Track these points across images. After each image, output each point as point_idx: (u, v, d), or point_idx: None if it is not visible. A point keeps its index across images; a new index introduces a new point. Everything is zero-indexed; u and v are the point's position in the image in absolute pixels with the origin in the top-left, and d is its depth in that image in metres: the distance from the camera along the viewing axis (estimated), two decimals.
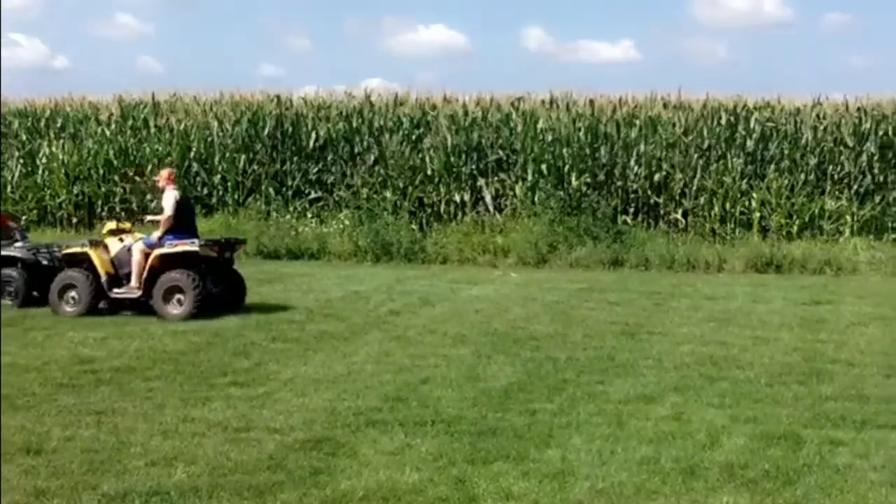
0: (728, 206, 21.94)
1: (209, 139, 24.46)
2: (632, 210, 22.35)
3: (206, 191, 24.21)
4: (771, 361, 10.39)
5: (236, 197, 23.85)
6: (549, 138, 22.84)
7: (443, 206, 23.05)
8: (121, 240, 13.66)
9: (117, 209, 23.81)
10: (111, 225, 14.27)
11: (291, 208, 22.93)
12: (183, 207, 13.67)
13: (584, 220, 21.18)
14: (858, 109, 22.95)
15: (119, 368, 9.73)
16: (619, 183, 22.48)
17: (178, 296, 12.96)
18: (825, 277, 18.57)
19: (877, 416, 8.12)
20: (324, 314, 13.36)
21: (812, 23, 46.67)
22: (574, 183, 22.29)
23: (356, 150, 23.92)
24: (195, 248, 13.19)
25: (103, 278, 13.33)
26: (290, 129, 24.27)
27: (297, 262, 20.19)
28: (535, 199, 22.01)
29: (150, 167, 23.04)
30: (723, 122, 22.92)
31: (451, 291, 15.81)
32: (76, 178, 24.77)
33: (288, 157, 24.07)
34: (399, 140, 23.58)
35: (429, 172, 23.09)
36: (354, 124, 24.25)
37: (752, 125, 22.74)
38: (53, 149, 24.98)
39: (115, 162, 24.61)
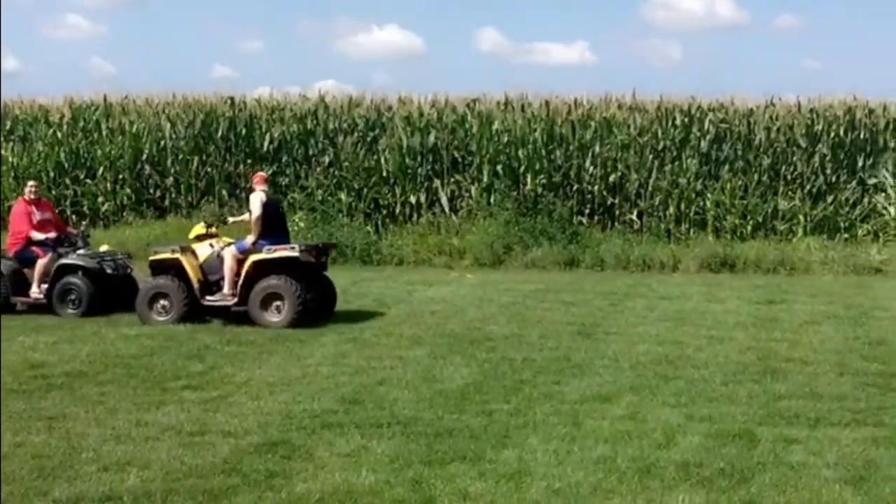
0: (683, 206, 22.08)
1: (161, 141, 24.23)
2: (587, 211, 22.43)
3: (158, 193, 23.99)
4: (726, 360, 10.45)
5: (189, 199, 23.66)
6: (505, 139, 22.87)
7: (398, 208, 23.00)
8: (210, 245, 13.18)
9: (68, 212, 23.53)
10: (199, 229, 13.65)
11: (246, 210, 22.74)
12: (270, 209, 13.12)
13: (540, 221, 21.22)
14: (811, 111, 23.21)
15: (70, 373, 9.61)
16: (575, 184, 22.56)
17: (276, 303, 12.53)
18: (779, 277, 18.73)
19: (830, 413, 8.18)
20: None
21: (765, 25, 47.24)
22: (530, 184, 22.33)
23: (311, 152, 23.81)
24: (295, 253, 12.64)
25: (196, 286, 12.84)
26: (244, 131, 24.10)
27: None
28: (491, 200, 22.02)
29: None
30: (677, 123, 23.07)
31: (406, 293, 15.77)
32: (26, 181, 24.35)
33: (242, 158, 23.91)
34: (354, 142, 23.51)
35: (384, 174, 23.03)
36: (309, 126, 24.13)
37: (706, 126, 22.91)
38: (3, 151, 24.62)
39: (66, 164, 24.30)
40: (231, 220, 14.45)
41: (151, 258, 13.33)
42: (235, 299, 12.72)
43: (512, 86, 24.94)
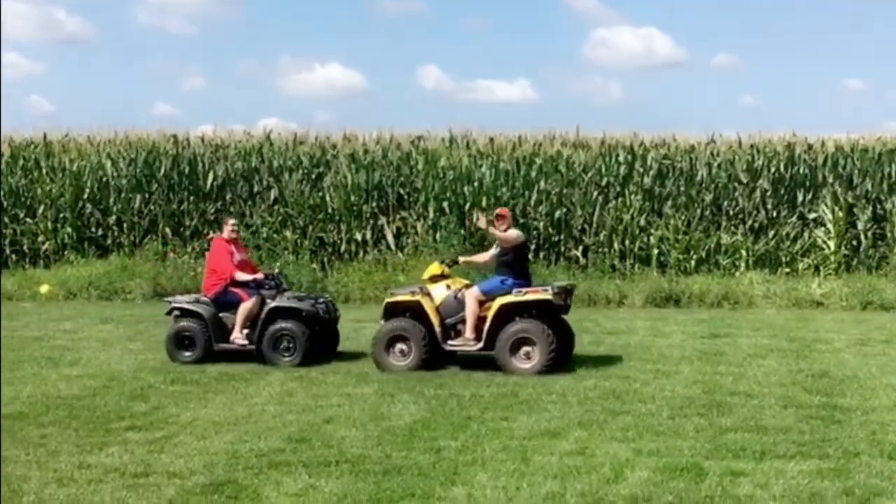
0: (627, 242, 22.25)
1: (103, 179, 23.95)
2: (533, 247, 22.50)
3: (100, 232, 23.69)
4: (672, 394, 10.51)
5: (132, 238, 23.41)
6: (451, 176, 22.93)
7: (344, 245, 22.93)
8: (447, 286, 12.38)
9: (7, 251, 23.19)
10: (435, 269, 12.69)
11: (189, 248, 22.58)
12: (519, 249, 12.51)
13: None
14: (751, 147, 23.56)
15: (10, 415, 9.43)
16: (521, 220, 22.64)
17: (526, 348, 11.83)
18: (723, 311, 18.90)
19: (775, 446, 8.25)
20: (223, 355, 13.12)
21: (703, 63, 47.96)
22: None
23: (255, 190, 23.70)
24: (549, 296, 11.91)
25: (437, 329, 12.11)
26: (187, 169, 23.91)
27: None
28: (437, 236, 22.04)
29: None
30: (620, 159, 23.29)
31: (353, 330, 15.68)
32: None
33: (185, 196, 23.72)
34: (299, 179, 23.44)
35: (329, 211, 22.98)
36: (253, 163, 24.01)
37: (649, 162, 23.16)
38: None
39: (6, 203, 23.95)
40: (462, 259, 13.50)
41: (388, 300, 12.55)
42: (480, 344, 12.02)
43: (456, 123, 25.10)
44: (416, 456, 7.92)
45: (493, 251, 12.71)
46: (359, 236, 22.82)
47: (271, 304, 12.76)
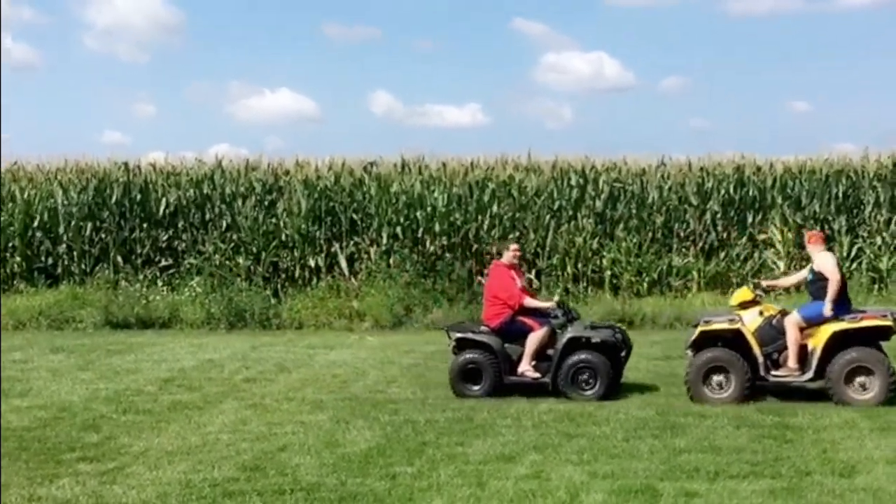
0: (580, 265, 22.37)
1: (54, 207, 23.72)
2: (486, 272, 22.52)
3: (50, 261, 23.41)
4: (626, 416, 10.56)
5: (83, 266, 23.15)
6: (403, 201, 22.96)
7: (297, 271, 22.85)
8: (760, 313, 11.67)
9: None
10: (744, 295, 11.96)
11: (141, 276, 22.38)
12: (841, 271, 11.64)
13: (440, 282, 21.31)
14: (701, 169, 23.82)
15: None
16: (474, 245, 22.71)
17: (860, 378, 11.07)
18: (675, 332, 18.97)
19: (729, 466, 8.32)
20: (176, 384, 13.02)
21: (651, 86, 48.46)
22: (429, 245, 22.42)
23: (207, 217, 23.57)
24: (888, 321, 11.15)
25: (760, 359, 11.39)
26: (139, 197, 23.73)
27: (148, 331, 19.65)
28: (391, 262, 22.04)
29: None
30: (572, 183, 23.44)
31: (307, 357, 15.63)
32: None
33: (137, 224, 23.52)
34: (252, 205, 23.37)
35: (283, 237, 22.91)
36: (206, 190, 23.90)
37: (600, 186, 23.34)
38: None
39: None
40: (766, 283, 12.63)
41: (703, 328, 11.72)
42: (808, 374, 11.34)
43: (408, 148, 25.12)
44: (372, 483, 7.90)
45: (802, 274, 12.23)
46: (312, 262, 22.75)
47: (569, 334, 11.93)
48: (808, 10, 46.84)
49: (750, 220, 23.07)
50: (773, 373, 11.46)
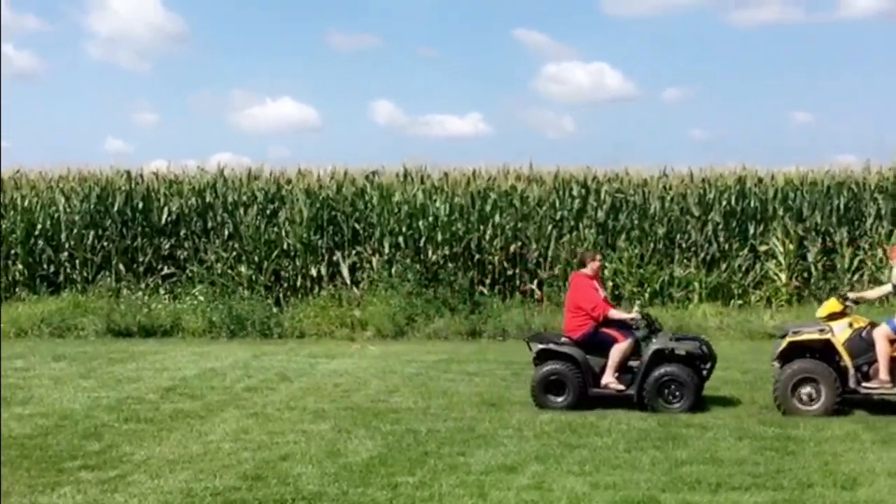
0: None
1: (56, 215, 23.76)
2: (488, 281, 22.58)
3: (52, 268, 23.45)
4: (628, 427, 10.56)
5: (85, 274, 23.18)
6: (406, 211, 22.98)
7: (299, 280, 22.88)
8: (849, 325, 11.49)
9: None
10: (833, 306, 11.71)
11: (143, 285, 22.40)
12: None
13: (442, 291, 21.32)
14: (703, 180, 23.86)
15: None
16: (476, 254, 22.72)
17: None
18: None
19: (730, 478, 8.32)
20: (178, 393, 13.02)
21: (653, 97, 48.52)
22: (431, 255, 22.45)
23: (209, 225, 23.61)
24: None
25: (851, 370, 11.30)
26: (141, 205, 23.78)
27: (150, 339, 19.66)
28: (393, 271, 22.05)
29: None
30: (574, 193, 23.47)
31: (309, 366, 15.63)
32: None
33: (139, 232, 23.55)
34: (254, 214, 23.39)
35: (285, 246, 22.94)
36: (208, 199, 23.94)
37: (602, 196, 23.37)
38: None
39: None
40: (852, 296, 12.20)
41: (792, 338, 11.63)
42: None
43: (410, 157, 25.18)
44: (373, 492, 7.90)
45: (886, 288, 12.21)
46: (314, 271, 22.78)
47: (655, 346, 11.80)
48: (810, 21, 46.98)
49: (751, 231, 23.10)
50: (864, 385, 11.34)
